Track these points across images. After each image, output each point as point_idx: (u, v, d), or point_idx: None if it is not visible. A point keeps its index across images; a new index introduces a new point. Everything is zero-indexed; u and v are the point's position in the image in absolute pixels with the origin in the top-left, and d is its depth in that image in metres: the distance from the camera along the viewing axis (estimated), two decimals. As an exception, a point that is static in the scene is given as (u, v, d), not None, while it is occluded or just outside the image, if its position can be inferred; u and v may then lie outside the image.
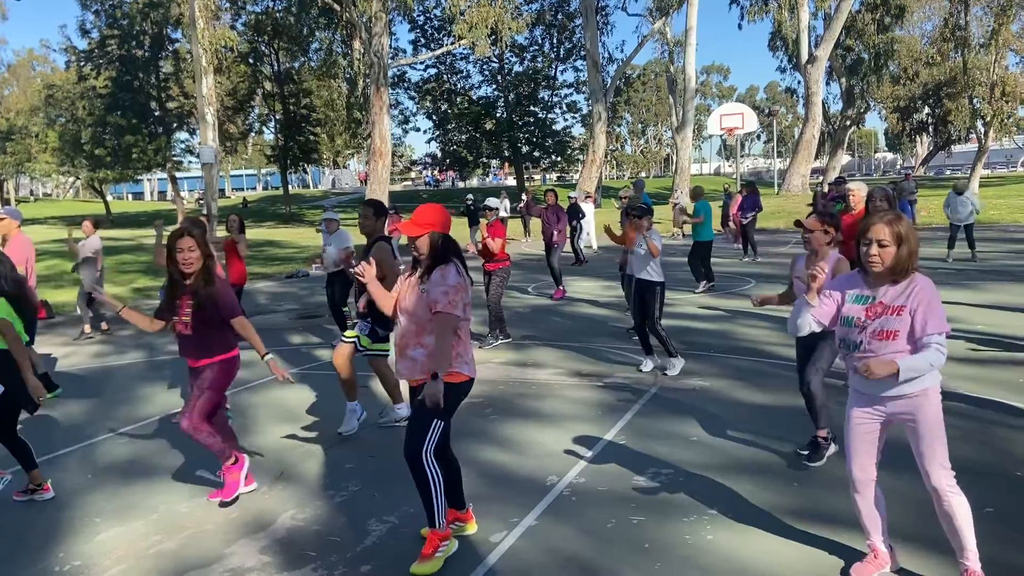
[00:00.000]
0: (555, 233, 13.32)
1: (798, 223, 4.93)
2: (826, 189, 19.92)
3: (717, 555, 3.83)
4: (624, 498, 4.55)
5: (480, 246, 9.26)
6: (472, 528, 4.14)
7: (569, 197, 19.05)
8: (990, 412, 5.80)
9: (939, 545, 3.72)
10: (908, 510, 4.19)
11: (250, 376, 8.06)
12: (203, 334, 4.65)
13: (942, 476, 3.23)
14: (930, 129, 58.65)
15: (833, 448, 5.01)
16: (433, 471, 3.69)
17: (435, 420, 3.69)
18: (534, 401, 6.69)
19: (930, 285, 3.23)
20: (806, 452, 5.04)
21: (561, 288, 12.86)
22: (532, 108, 46.80)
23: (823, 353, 4.93)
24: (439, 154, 48.82)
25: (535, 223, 23.53)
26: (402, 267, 5.14)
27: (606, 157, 51.99)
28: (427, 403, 3.56)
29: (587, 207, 20.52)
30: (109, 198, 49.02)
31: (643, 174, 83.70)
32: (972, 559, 3.30)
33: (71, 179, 58.95)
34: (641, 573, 3.69)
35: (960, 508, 3.23)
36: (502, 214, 16.17)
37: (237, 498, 4.73)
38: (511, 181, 58.43)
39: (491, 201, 9.95)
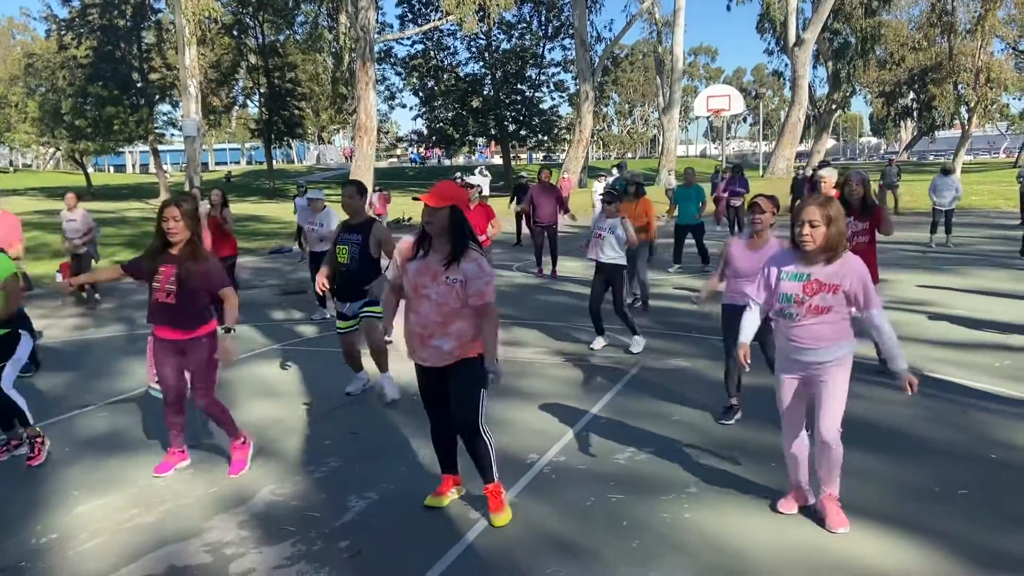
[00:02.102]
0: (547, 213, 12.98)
1: (751, 206, 5.15)
2: (809, 173, 19.96)
3: (695, 532, 3.87)
4: (603, 476, 4.58)
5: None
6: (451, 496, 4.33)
7: (521, 176, 18.82)
8: (967, 395, 5.87)
9: (913, 525, 3.78)
10: (886, 492, 4.24)
11: (231, 351, 8.01)
12: (186, 306, 4.57)
13: (834, 430, 3.66)
14: (914, 114, 58.76)
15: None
16: (489, 437, 4.04)
17: (482, 392, 3.98)
18: (516, 380, 6.69)
19: (861, 264, 3.57)
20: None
21: (544, 269, 12.85)
22: (519, 86, 46.32)
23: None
24: (425, 131, 48.32)
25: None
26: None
27: (593, 137, 51.85)
28: (494, 382, 3.86)
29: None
30: (90, 170, 48.20)
31: (629, 155, 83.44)
32: (836, 487, 3.85)
33: (51, 150, 58.00)
34: (619, 550, 3.72)
35: (839, 456, 3.72)
36: (484, 192, 15.89)
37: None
38: (497, 159, 58.08)
39: (472, 179, 9.48)
